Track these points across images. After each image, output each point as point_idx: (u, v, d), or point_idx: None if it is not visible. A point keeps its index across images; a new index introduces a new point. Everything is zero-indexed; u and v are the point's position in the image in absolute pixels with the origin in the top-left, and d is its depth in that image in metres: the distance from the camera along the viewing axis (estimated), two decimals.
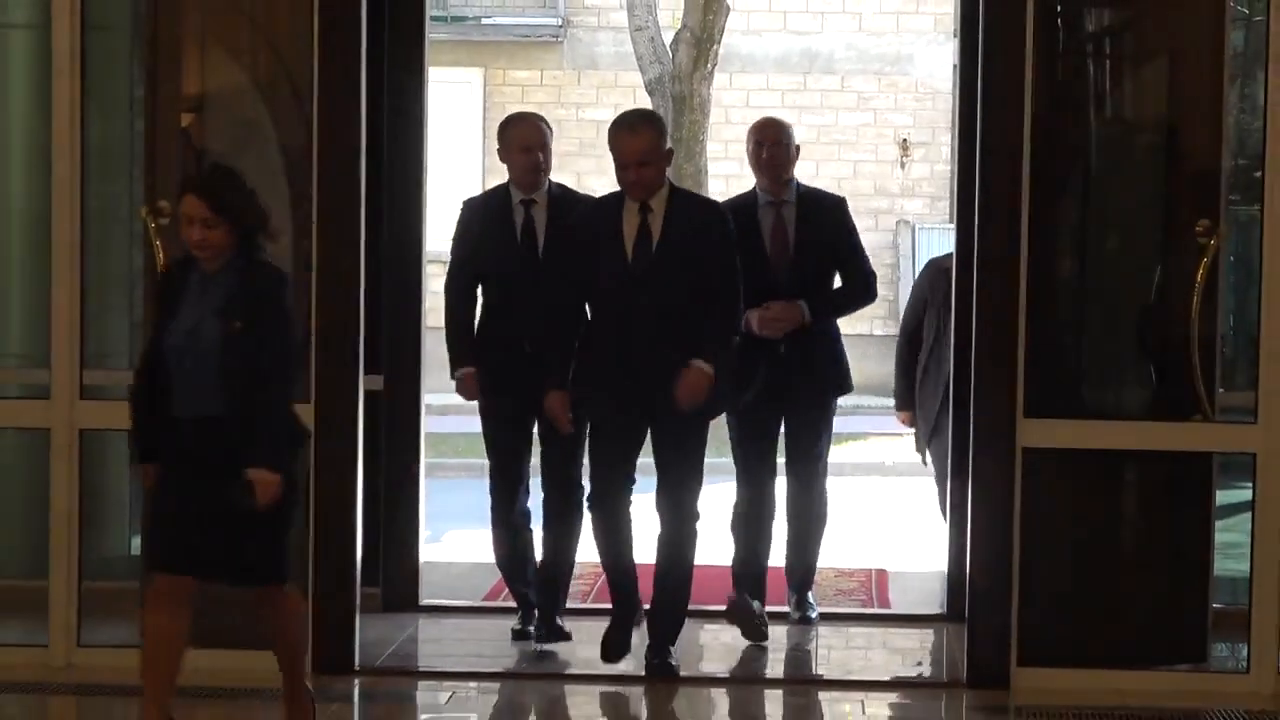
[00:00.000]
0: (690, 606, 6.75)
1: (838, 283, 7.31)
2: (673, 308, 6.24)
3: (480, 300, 7.06)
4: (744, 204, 7.08)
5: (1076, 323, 7.67)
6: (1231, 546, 7.61)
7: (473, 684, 7.25)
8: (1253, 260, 7.32)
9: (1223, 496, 7.44)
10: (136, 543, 8.52)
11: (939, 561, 8.37)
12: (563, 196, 7.02)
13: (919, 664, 7.95)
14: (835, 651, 7.80)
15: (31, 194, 8.38)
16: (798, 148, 7.16)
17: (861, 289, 7.16)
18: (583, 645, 6.84)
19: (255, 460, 4.93)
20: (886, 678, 7.65)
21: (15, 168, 8.97)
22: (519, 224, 6.89)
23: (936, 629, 8.17)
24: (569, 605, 7.22)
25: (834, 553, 8.78)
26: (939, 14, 19.96)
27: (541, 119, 7.16)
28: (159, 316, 5.26)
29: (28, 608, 7.51)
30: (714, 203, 7.22)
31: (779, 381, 6.84)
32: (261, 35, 7.71)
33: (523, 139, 6.88)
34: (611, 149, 6.31)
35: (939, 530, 8.38)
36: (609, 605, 6.81)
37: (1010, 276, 6.95)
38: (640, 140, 6.18)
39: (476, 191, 10.08)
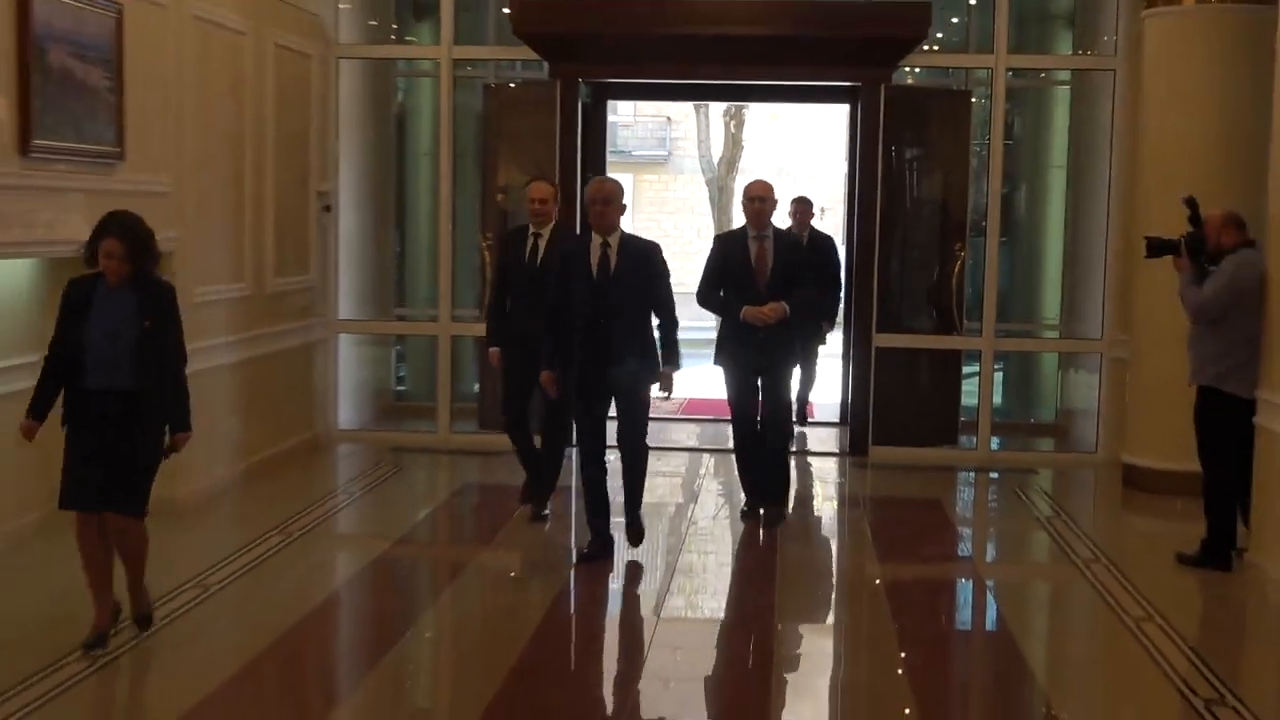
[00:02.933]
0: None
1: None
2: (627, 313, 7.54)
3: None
4: (737, 236, 8.64)
5: (899, 289, 11.51)
6: (969, 392, 11.61)
7: None
8: (979, 261, 11.40)
9: (966, 370, 11.62)
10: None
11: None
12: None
13: (827, 444, 11.67)
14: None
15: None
16: (775, 202, 8.51)
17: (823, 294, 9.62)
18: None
19: (181, 425, 6.12)
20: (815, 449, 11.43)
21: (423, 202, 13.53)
22: (528, 248, 8.43)
23: (839, 430, 12.11)
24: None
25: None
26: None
27: (548, 182, 8.79)
28: (70, 318, 5.97)
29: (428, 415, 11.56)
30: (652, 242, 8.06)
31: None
32: (528, 153, 11.32)
33: (531, 193, 8.53)
34: (588, 191, 7.68)
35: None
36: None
37: (868, 267, 10.89)
38: (607, 186, 7.60)
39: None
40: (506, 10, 11.35)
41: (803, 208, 11.98)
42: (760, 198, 8.43)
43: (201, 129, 8.98)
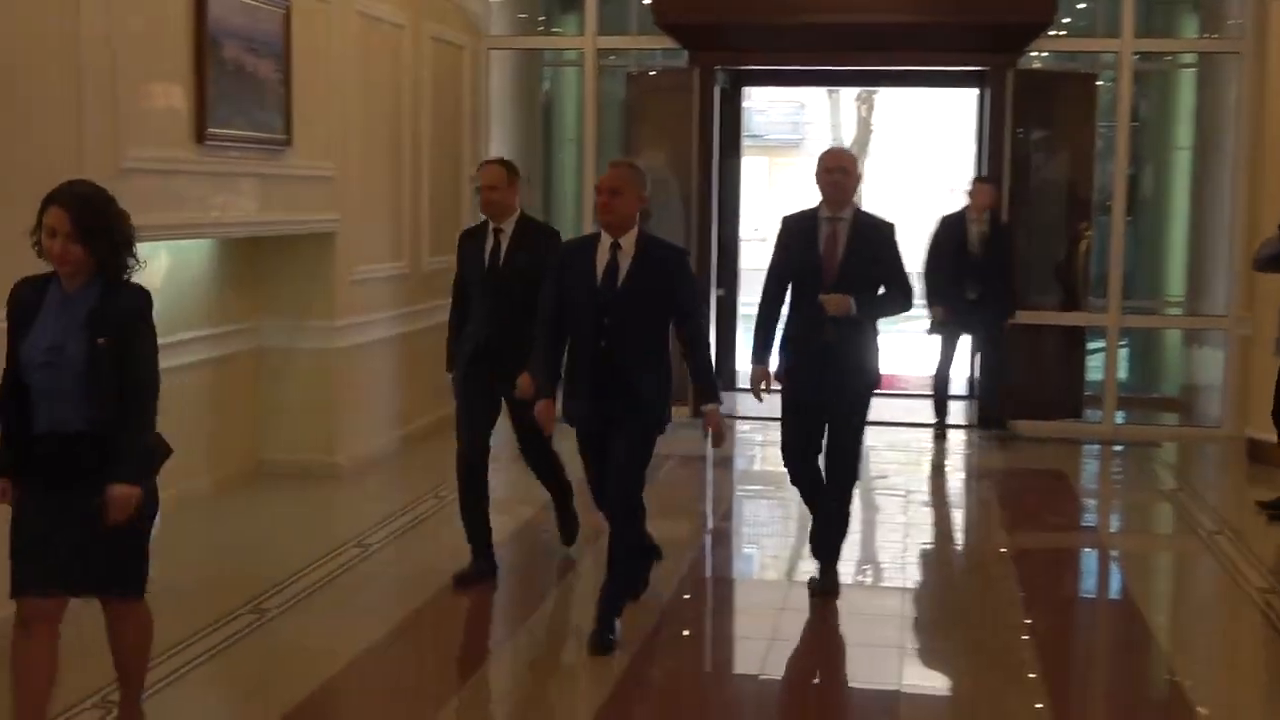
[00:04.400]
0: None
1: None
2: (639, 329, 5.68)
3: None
4: (806, 216, 6.42)
5: (1027, 267, 10.98)
6: (1094, 367, 11.37)
7: None
8: (1106, 242, 11.10)
9: (1092, 345, 11.37)
10: None
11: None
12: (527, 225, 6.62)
13: (956, 417, 11.17)
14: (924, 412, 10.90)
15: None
16: (858, 177, 6.45)
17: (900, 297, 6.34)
18: None
19: (117, 474, 4.13)
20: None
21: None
22: (487, 248, 6.54)
23: (968, 403, 11.67)
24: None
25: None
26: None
27: (499, 164, 6.69)
28: (16, 332, 4.25)
29: None
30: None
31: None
32: (668, 138, 11.45)
33: (480, 178, 6.64)
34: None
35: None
36: None
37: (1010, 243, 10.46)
38: (616, 172, 5.67)
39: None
40: (648, 1, 11.34)
41: (985, 189, 10.40)
42: (841, 169, 6.34)
43: (363, 117, 9.12)
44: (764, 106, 26.84)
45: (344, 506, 8.09)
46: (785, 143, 28.04)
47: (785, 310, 6.45)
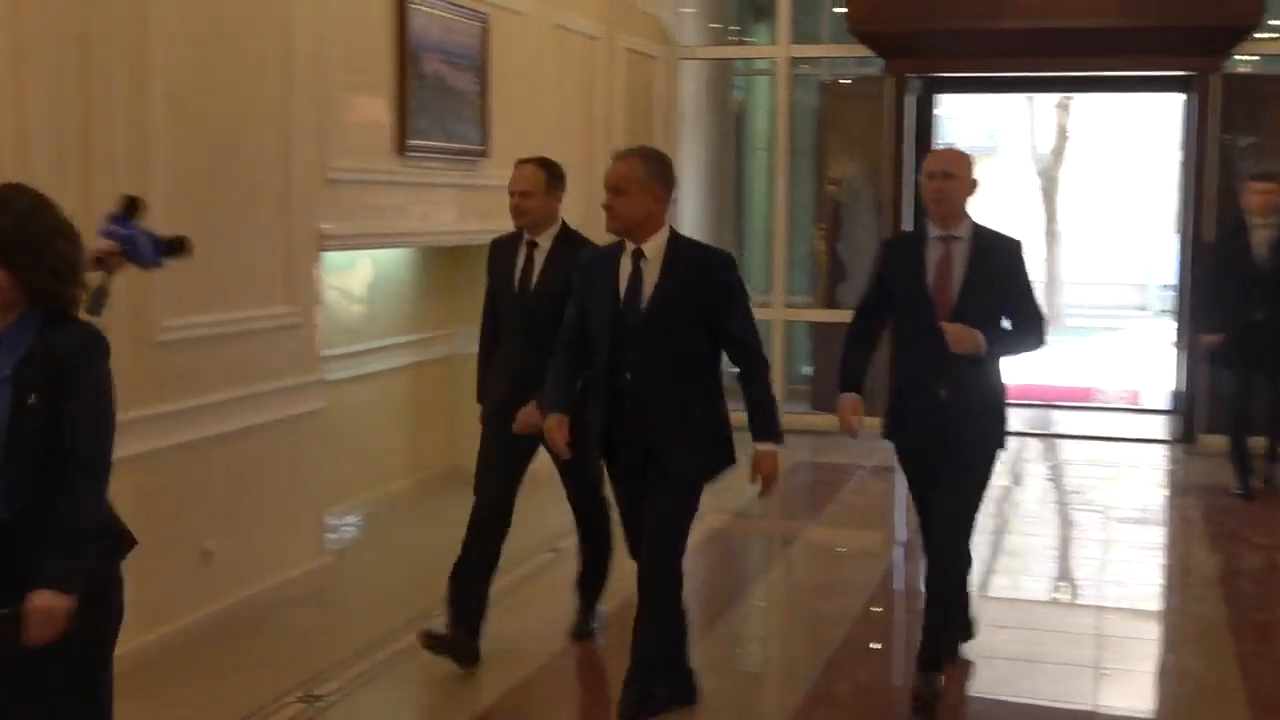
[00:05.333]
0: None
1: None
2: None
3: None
4: (910, 239, 5.59)
5: None
6: None
7: None
8: None
9: None
10: None
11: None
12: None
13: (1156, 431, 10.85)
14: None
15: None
16: (972, 183, 5.03)
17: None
18: None
19: (42, 578, 3.00)
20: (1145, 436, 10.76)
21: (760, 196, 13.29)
22: (519, 263, 5.57)
23: (1169, 418, 11.14)
24: None
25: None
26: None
27: (536, 165, 5.60)
28: None
29: None
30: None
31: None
32: (859, 146, 11.43)
33: (511, 182, 5.58)
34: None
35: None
36: None
37: (1201, 257, 9.96)
38: (623, 165, 4.61)
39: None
40: (842, 10, 11.24)
41: (1271, 189, 8.49)
42: (945, 173, 4.95)
43: (557, 127, 9.19)
44: (958, 113, 26.39)
45: (537, 511, 8.13)
46: (980, 150, 27.53)
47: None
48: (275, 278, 6.21)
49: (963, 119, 26.17)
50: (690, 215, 11.83)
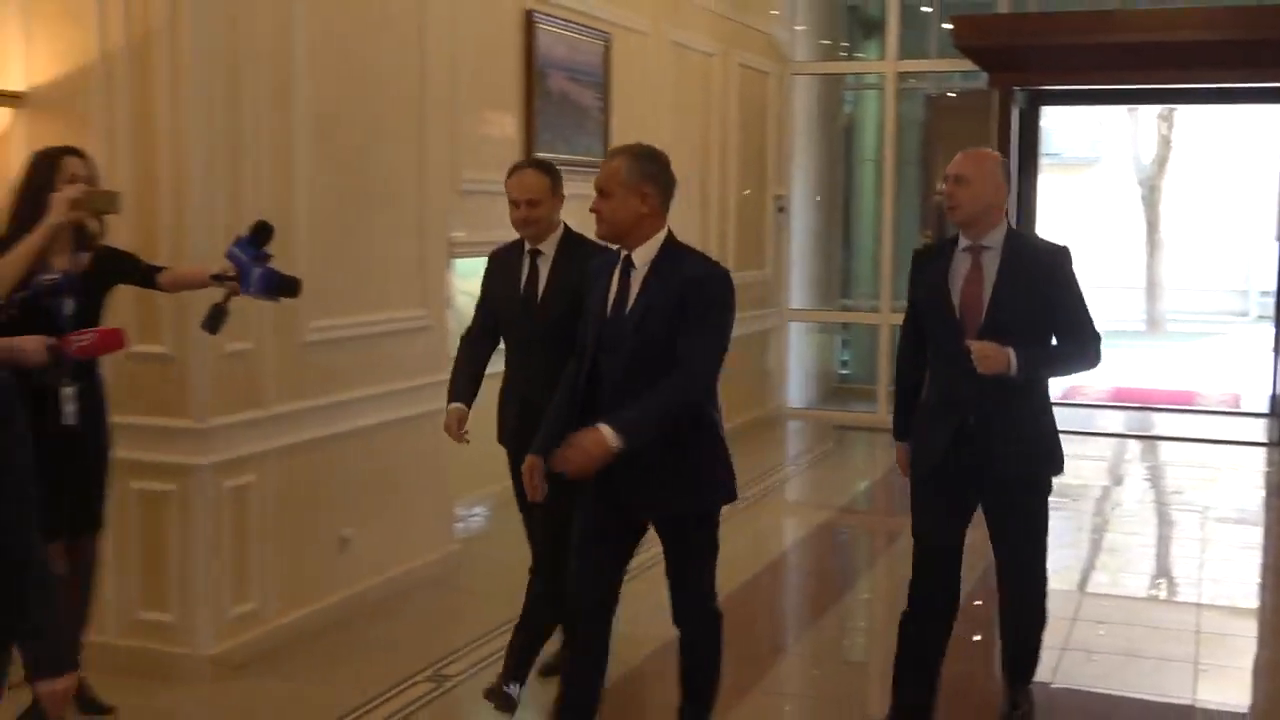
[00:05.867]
0: None
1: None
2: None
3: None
4: (941, 249, 4.42)
5: None
6: None
7: None
8: None
9: None
10: None
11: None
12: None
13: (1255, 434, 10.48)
14: None
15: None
16: (997, 187, 4.19)
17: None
18: None
19: (48, 664, 2.58)
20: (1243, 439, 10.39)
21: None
22: (523, 274, 4.78)
23: (1269, 421, 10.89)
24: None
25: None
26: None
27: (537, 169, 4.83)
28: None
29: None
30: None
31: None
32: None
33: (509, 189, 4.77)
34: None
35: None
36: None
37: None
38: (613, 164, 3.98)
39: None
40: (948, 26, 11.14)
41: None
42: (956, 177, 4.21)
43: (675, 139, 9.21)
44: (1061, 124, 26.02)
45: None
46: (1083, 160, 27.10)
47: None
48: (410, 283, 6.29)
49: (1066, 130, 25.82)
50: (800, 225, 11.86)
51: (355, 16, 5.88)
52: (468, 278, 7.60)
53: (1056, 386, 4.97)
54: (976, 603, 6.47)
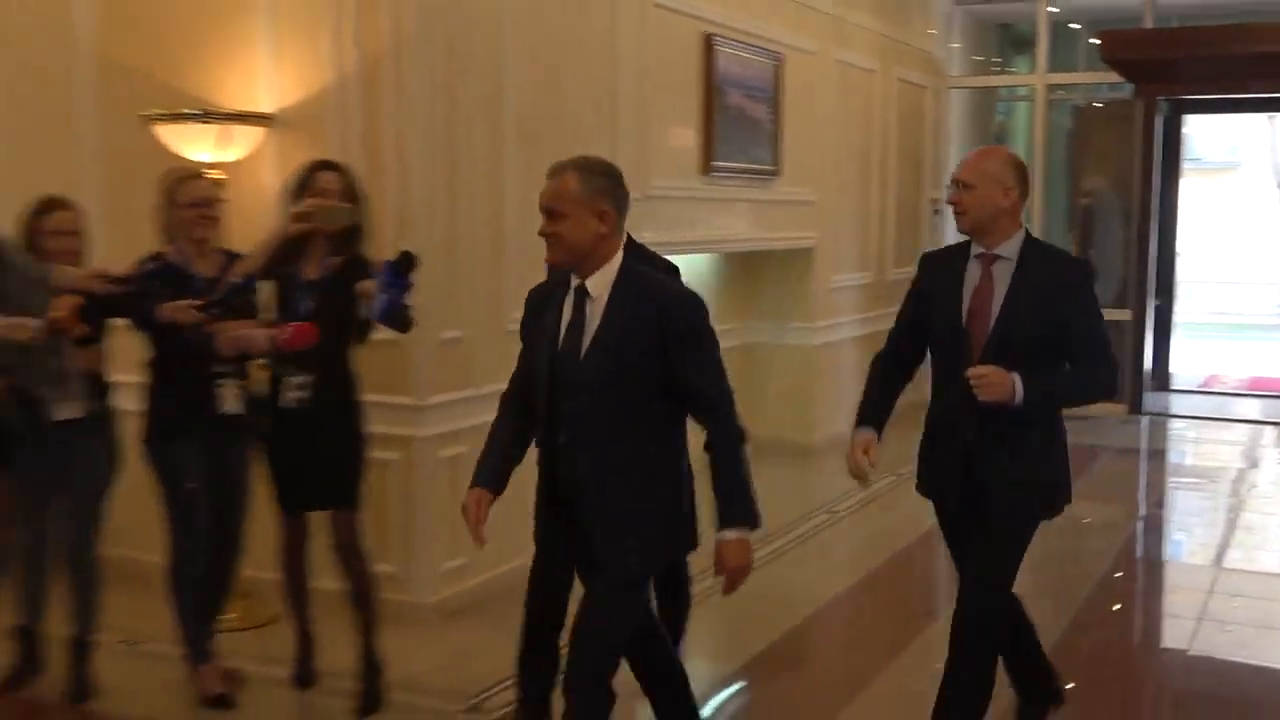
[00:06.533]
0: None
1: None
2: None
3: None
4: (953, 254, 3.65)
5: None
6: None
7: None
8: None
9: None
10: None
11: None
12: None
13: None
14: None
15: None
16: (1012, 190, 3.48)
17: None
18: None
19: None
20: None
21: None
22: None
23: None
24: None
25: None
26: None
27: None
28: None
29: None
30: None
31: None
32: (1109, 162, 11.10)
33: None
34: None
35: None
36: None
37: None
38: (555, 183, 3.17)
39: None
40: (1095, 40, 10.82)
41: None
42: (962, 182, 3.52)
43: (838, 149, 9.15)
44: (1200, 131, 25.01)
45: (816, 478, 8.16)
46: (1224, 165, 25.90)
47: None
48: None
49: (1206, 136, 24.77)
50: (951, 229, 11.61)
51: (555, 39, 5.94)
52: None
53: (1194, 372, 4.73)
54: (1116, 575, 6.30)
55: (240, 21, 5.37)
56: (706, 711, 4.43)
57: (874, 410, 3.78)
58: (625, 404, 3.08)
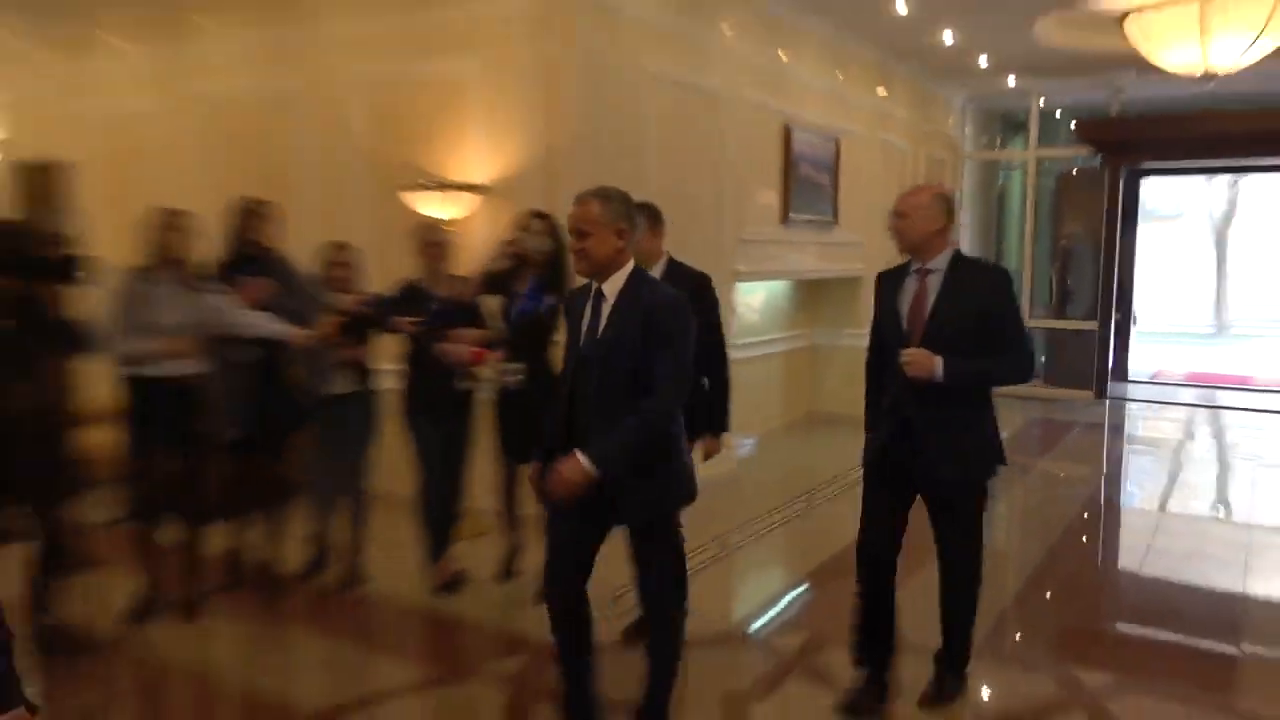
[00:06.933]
0: None
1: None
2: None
3: None
4: (899, 271, 3.30)
5: None
6: None
7: None
8: None
9: None
10: None
11: None
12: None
13: None
14: None
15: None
16: (936, 217, 3.15)
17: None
18: None
19: None
20: None
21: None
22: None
23: None
24: None
25: None
26: None
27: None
28: None
29: None
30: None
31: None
32: (1083, 212, 10.53)
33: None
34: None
35: None
36: None
37: None
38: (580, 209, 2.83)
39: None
40: (1074, 124, 10.50)
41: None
42: (898, 212, 3.25)
43: (881, 204, 8.99)
44: (1154, 190, 23.88)
45: (860, 441, 8.04)
46: (1171, 215, 24.66)
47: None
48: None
49: (1157, 194, 23.66)
50: None
51: (680, 133, 5.96)
52: (746, 294, 7.70)
53: (1145, 368, 4.54)
54: (1085, 515, 6.11)
55: (463, 119, 5.48)
56: (782, 603, 4.36)
57: (874, 411, 3.30)
58: (628, 387, 2.75)
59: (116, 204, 6.35)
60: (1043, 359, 11.07)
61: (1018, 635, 4.12)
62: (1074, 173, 11.77)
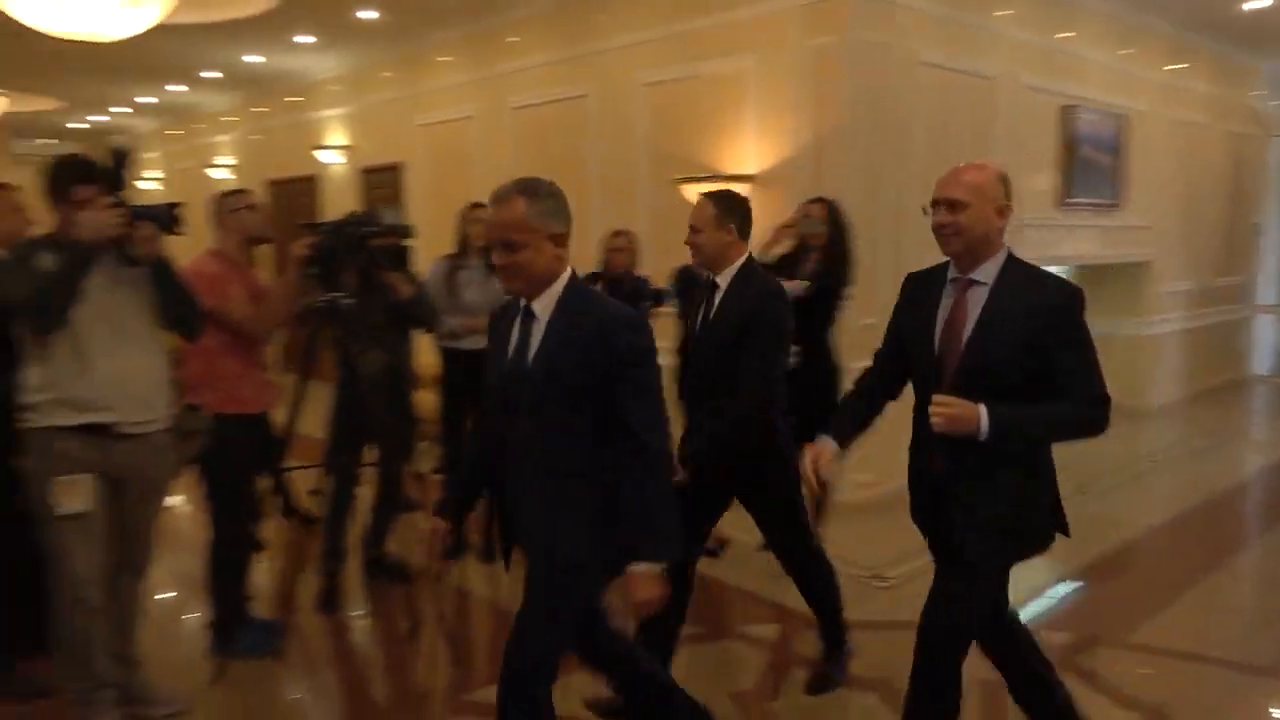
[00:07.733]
0: None
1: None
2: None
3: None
4: (933, 277, 2.40)
5: None
6: None
7: None
8: None
9: None
10: None
11: None
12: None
13: None
14: None
15: None
16: (1005, 207, 2.35)
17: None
18: None
19: None
20: None
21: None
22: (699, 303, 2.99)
23: None
24: None
25: None
26: None
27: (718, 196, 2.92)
28: None
29: None
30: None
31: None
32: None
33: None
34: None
35: None
36: None
37: None
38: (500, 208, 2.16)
39: None
40: None
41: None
42: (947, 200, 2.30)
43: (1173, 185, 8.23)
44: None
45: (1143, 433, 7.41)
46: None
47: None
48: None
49: None
50: (1272, 242, 10.00)
51: (948, 119, 5.73)
52: None
53: None
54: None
55: (737, 114, 5.59)
56: (1053, 598, 4.12)
57: (840, 424, 2.48)
58: (567, 427, 2.14)
59: (441, 199, 7.06)
60: None
61: None
62: None
